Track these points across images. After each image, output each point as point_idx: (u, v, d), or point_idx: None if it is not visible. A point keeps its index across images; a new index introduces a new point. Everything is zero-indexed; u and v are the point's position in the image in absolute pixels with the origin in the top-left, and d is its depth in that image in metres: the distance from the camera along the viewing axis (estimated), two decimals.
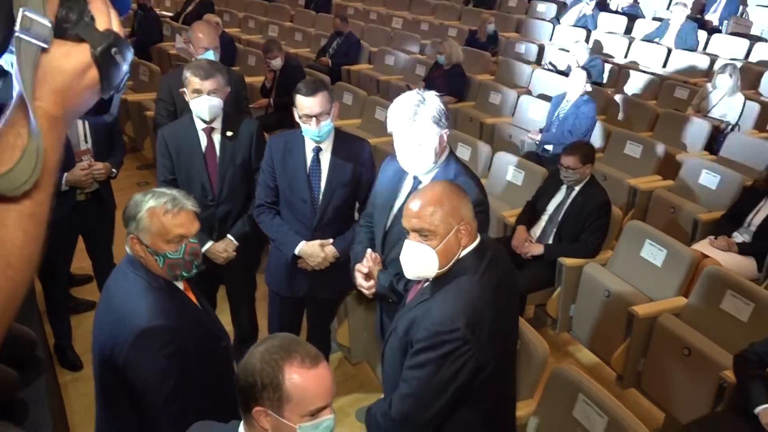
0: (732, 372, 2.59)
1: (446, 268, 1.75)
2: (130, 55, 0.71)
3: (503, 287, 1.81)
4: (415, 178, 2.27)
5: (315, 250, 2.69)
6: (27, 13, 0.61)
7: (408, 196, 2.27)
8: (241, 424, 1.46)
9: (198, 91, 2.74)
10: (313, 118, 2.50)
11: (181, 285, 1.93)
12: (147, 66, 6.37)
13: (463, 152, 4.68)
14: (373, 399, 3.26)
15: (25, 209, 0.65)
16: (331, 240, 2.71)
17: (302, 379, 1.34)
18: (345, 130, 5.35)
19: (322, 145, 2.62)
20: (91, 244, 3.50)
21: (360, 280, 2.36)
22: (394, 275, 2.22)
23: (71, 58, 0.66)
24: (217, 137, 2.88)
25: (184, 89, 2.81)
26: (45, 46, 0.64)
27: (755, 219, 3.73)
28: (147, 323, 1.72)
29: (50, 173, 0.66)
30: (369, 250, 2.34)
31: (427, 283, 1.82)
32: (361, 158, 2.69)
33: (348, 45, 7.32)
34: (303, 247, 2.69)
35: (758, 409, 2.40)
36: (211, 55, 3.54)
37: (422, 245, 1.71)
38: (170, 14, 9.13)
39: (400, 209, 2.29)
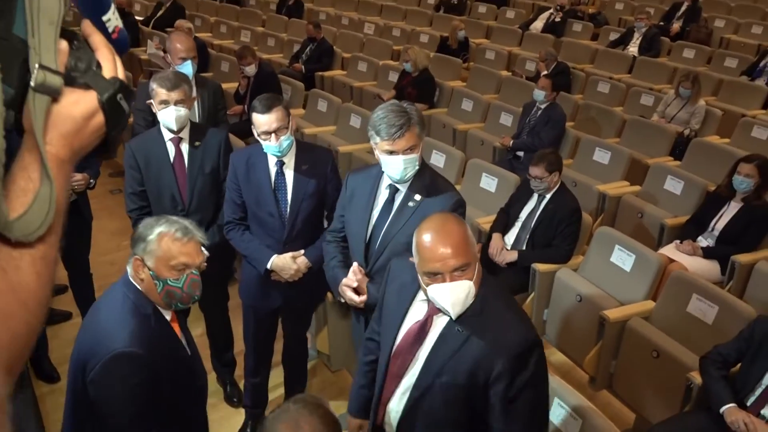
0: (698, 373, 2.71)
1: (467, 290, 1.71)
2: (133, 99, 0.76)
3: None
4: (390, 186, 2.32)
5: (287, 263, 2.71)
6: (41, 69, 0.64)
7: (384, 205, 2.34)
8: None
9: (165, 102, 2.79)
10: (272, 134, 2.51)
11: (168, 315, 1.92)
12: None
13: (437, 159, 4.76)
14: None
15: (38, 252, 0.67)
16: (302, 251, 2.74)
17: None
18: (321, 137, 5.45)
19: (284, 159, 2.65)
20: (67, 254, 3.47)
21: (350, 294, 2.39)
22: None
23: (80, 105, 0.70)
24: (185, 147, 2.92)
25: (151, 101, 2.84)
26: (57, 96, 0.67)
27: (718, 224, 3.88)
28: (122, 347, 1.72)
29: (60, 215, 0.69)
30: (355, 264, 2.39)
31: (441, 322, 1.77)
32: (325, 168, 2.73)
33: (321, 51, 7.35)
34: (275, 261, 2.71)
35: (723, 409, 2.51)
36: (189, 66, 3.56)
37: (465, 282, 1.67)
38: (140, 18, 9.03)
39: (379, 218, 2.35)
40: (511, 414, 1.70)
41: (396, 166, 2.21)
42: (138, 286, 1.84)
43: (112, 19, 0.76)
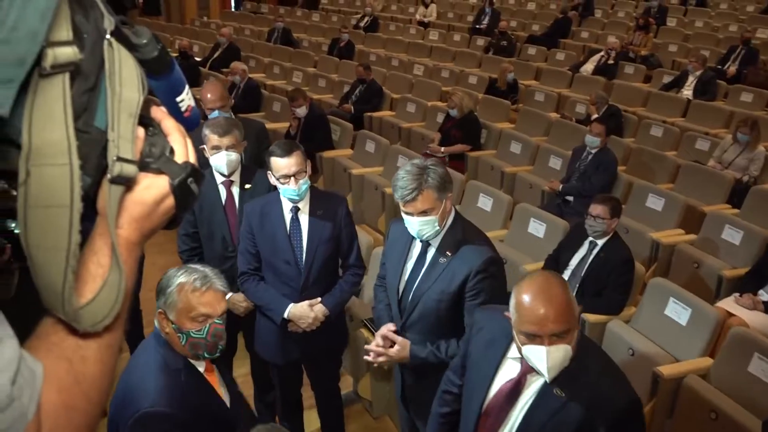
0: None
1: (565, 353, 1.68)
2: (203, 181, 0.76)
3: None
4: (422, 241, 2.31)
5: (304, 311, 2.66)
6: (119, 161, 0.64)
7: (417, 259, 2.32)
8: None
9: (217, 147, 2.85)
10: (291, 178, 2.52)
11: (202, 367, 1.90)
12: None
13: (484, 202, 4.72)
14: None
15: (104, 341, 0.66)
16: (318, 299, 2.70)
17: None
18: (368, 177, 5.49)
19: (299, 205, 2.64)
20: None
21: (372, 356, 2.40)
22: (433, 346, 2.27)
23: (152, 191, 0.70)
24: (236, 190, 2.98)
25: (204, 146, 2.91)
26: (132, 184, 0.68)
27: None
28: (150, 406, 1.70)
29: (127, 299, 0.68)
30: (384, 329, 2.38)
31: (536, 381, 1.74)
32: (339, 214, 2.71)
33: (371, 92, 7.47)
34: (292, 310, 2.66)
35: None
36: (217, 115, 3.66)
37: (563, 346, 1.64)
38: (199, 59, 9.38)
39: (411, 273, 2.34)
40: None
41: (412, 227, 2.21)
42: (166, 339, 1.84)
43: (186, 99, 0.77)
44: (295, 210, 2.66)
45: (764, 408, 2.70)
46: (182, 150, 0.74)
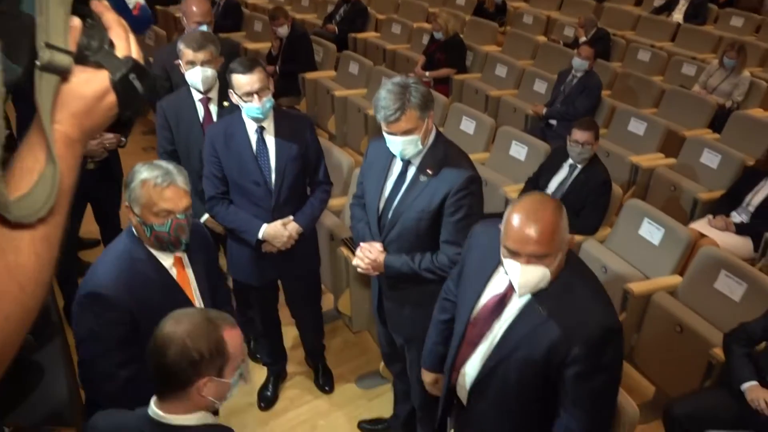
0: (721, 350, 2.67)
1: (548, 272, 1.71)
2: (148, 79, 0.73)
3: None
4: (404, 159, 2.31)
5: (278, 230, 2.66)
6: (48, 48, 0.62)
7: (398, 178, 2.32)
8: (155, 406, 1.48)
9: (192, 63, 2.79)
10: (255, 95, 2.47)
11: (168, 261, 1.95)
12: (153, 30, 6.35)
13: (467, 125, 4.71)
14: (374, 367, 3.38)
15: (39, 233, 0.65)
16: (291, 217, 2.69)
17: (234, 337, 1.48)
18: (351, 99, 5.42)
19: (264, 124, 2.59)
20: (98, 210, 3.57)
21: (357, 261, 2.43)
22: (409, 257, 2.31)
23: (90, 85, 0.69)
24: (213, 107, 2.94)
25: (179, 61, 2.85)
26: (66, 75, 0.66)
27: (754, 199, 3.78)
28: (94, 287, 1.82)
29: (66, 195, 0.67)
30: (377, 245, 2.40)
31: (522, 302, 1.77)
32: (305, 133, 2.68)
33: (355, 12, 7.27)
34: (266, 230, 2.65)
35: (744, 386, 2.49)
36: (204, 30, 3.56)
37: (539, 268, 1.66)
38: None
39: (392, 191, 2.35)
40: (580, 399, 1.71)
41: (394, 147, 2.20)
42: (134, 232, 1.91)
43: None
44: (261, 130, 2.60)
45: (728, 322, 2.81)
46: (123, 44, 0.71)
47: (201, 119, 2.93)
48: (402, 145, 2.18)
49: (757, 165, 3.87)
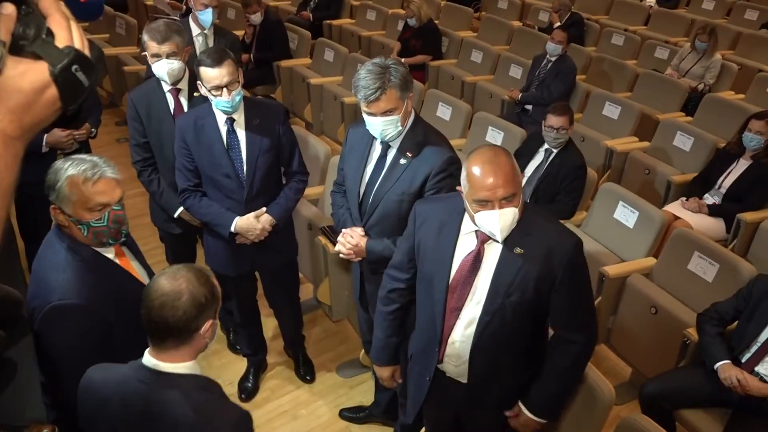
0: (695, 330, 2.72)
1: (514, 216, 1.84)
2: (94, 72, 0.69)
3: None
4: (383, 142, 2.31)
5: (251, 224, 2.63)
6: None
7: (377, 161, 2.33)
8: (151, 356, 1.55)
9: (157, 56, 2.72)
10: (224, 89, 2.42)
11: (111, 252, 1.88)
12: (123, 18, 6.23)
13: (444, 111, 4.70)
14: (355, 355, 3.38)
15: None
16: (264, 209, 2.66)
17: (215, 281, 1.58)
18: (327, 87, 5.38)
19: (234, 116, 2.54)
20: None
21: (339, 247, 2.43)
22: (390, 241, 2.31)
23: (28, 77, 0.64)
24: (184, 98, 2.86)
25: (146, 53, 2.78)
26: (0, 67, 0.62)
27: (726, 181, 3.84)
28: (58, 300, 1.70)
29: (5, 196, 0.64)
30: (359, 230, 2.39)
31: (494, 248, 1.88)
32: (277, 123, 2.63)
33: None
34: (238, 223, 2.62)
35: (717, 365, 2.54)
36: (209, 14, 3.64)
37: (511, 209, 1.78)
38: None
39: (372, 175, 2.35)
40: (572, 308, 1.91)
41: (375, 128, 2.20)
42: (67, 233, 1.80)
43: None
44: (231, 122, 2.55)
45: (701, 302, 2.86)
46: (64, 34, 0.67)
47: (172, 110, 2.86)
48: (382, 125, 2.18)
49: (728, 147, 3.92)
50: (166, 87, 2.85)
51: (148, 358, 1.54)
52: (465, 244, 1.91)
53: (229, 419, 1.51)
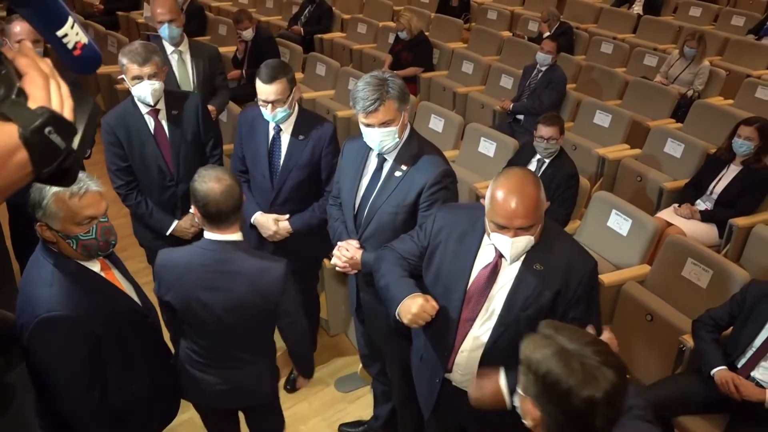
0: (691, 336, 2.74)
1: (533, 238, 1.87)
2: (72, 133, 0.64)
3: None
4: (379, 155, 2.33)
5: (267, 223, 2.80)
6: None
7: (373, 174, 2.35)
8: (213, 235, 2.03)
9: (138, 78, 2.73)
10: (269, 104, 2.57)
11: (97, 266, 1.92)
12: (115, 37, 6.26)
13: (436, 123, 4.73)
14: (353, 369, 3.38)
15: None
16: (287, 216, 2.79)
17: None
18: (319, 101, 5.40)
19: (282, 126, 2.70)
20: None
21: (335, 260, 2.44)
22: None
23: None
24: (163, 118, 2.88)
25: (123, 76, 2.79)
26: None
27: (717, 187, 3.87)
28: (46, 313, 1.73)
29: None
30: (354, 242, 2.40)
31: (516, 265, 1.90)
32: (323, 140, 2.72)
33: (320, 13, 7.24)
34: (257, 217, 2.82)
35: (713, 371, 2.55)
36: (165, 29, 3.52)
37: (526, 237, 1.81)
38: None
39: (368, 188, 2.37)
40: (585, 320, 1.87)
41: (372, 139, 2.22)
42: (53, 249, 1.83)
43: (70, 33, 0.66)
44: (278, 129, 2.72)
45: (696, 308, 2.88)
46: (41, 93, 0.63)
47: (152, 131, 2.86)
48: (380, 137, 2.20)
49: (719, 153, 3.95)
50: (143, 108, 2.84)
51: (212, 235, 2.00)
52: (484, 255, 1.95)
53: (280, 267, 2.05)
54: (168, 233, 2.97)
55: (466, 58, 6.02)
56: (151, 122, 2.86)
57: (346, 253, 2.40)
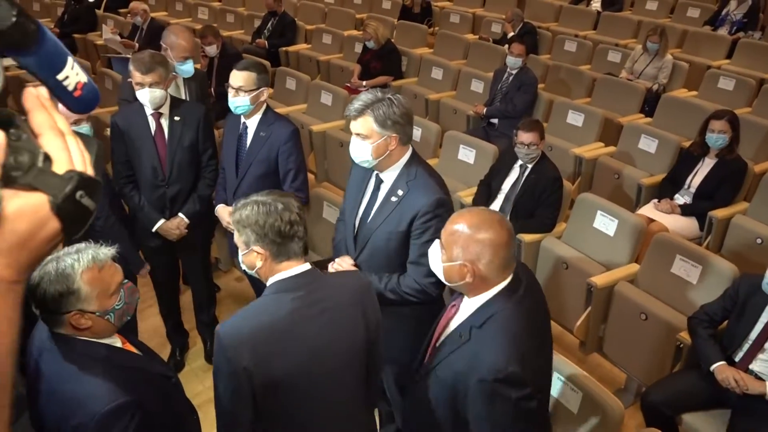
0: (687, 333, 2.79)
1: (480, 302, 1.79)
2: (99, 190, 0.60)
3: (539, 318, 1.86)
4: (376, 176, 2.32)
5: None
6: None
7: (371, 196, 2.35)
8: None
9: (140, 84, 2.93)
10: (234, 90, 2.86)
11: (118, 342, 1.80)
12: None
13: (414, 134, 4.71)
14: None
15: None
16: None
17: None
18: (293, 116, 5.35)
19: (248, 122, 2.97)
20: None
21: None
22: (377, 277, 2.29)
23: (24, 214, 0.55)
24: (165, 121, 3.05)
25: (131, 80, 2.99)
26: None
27: (694, 181, 3.95)
28: (106, 406, 1.59)
29: (4, 356, 0.55)
30: (348, 259, 2.39)
31: (461, 324, 1.84)
32: (280, 138, 2.96)
33: (283, 25, 7.17)
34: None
35: (713, 367, 2.60)
36: (190, 65, 3.66)
37: (437, 250, 1.87)
38: (92, 0, 8.67)
39: (365, 209, 2.36)
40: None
41: (351, 147, 2.26)
42: (79, 337, 1.69)
43: (71, 75, 0.63)
44: (245, 125, 2.99)
45: (689, 304, 2.94)
46: (63, 155, 0.58)
47: (153, 132, 3.03)
48: (355, 144, 2.24)
49: (692, 148, 4.04)
50: (148, 110, 3.03)
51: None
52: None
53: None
54: (154, 230, 3.14)
55: (435, 65, 6.04)
56: (152, 123, 3.04)
57: (339, 269, 2.38)
